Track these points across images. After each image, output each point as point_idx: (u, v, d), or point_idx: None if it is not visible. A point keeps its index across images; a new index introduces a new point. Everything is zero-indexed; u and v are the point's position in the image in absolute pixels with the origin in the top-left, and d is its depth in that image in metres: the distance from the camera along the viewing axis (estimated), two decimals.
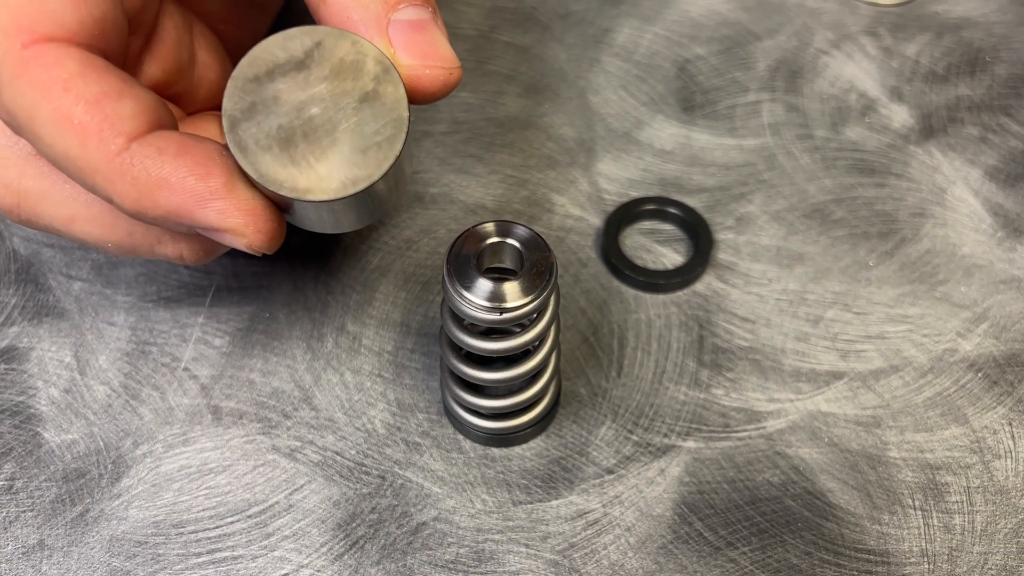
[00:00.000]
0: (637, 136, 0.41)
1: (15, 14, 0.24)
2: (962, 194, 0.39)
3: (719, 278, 0.36)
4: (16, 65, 0.24)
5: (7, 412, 0.33)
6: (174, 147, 0.24)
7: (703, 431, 0.33)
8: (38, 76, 0.24)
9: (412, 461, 0.32)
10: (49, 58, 0.24)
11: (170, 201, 0.24)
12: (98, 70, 0.24)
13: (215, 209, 0.24)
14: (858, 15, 0.45)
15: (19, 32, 0.24)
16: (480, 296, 0.26)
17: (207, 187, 0.24)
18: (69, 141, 0.24)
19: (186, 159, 0.24)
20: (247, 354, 0.34)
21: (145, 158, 0.24)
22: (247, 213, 0.25)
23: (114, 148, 0.24)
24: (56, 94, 0.24)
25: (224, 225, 0.25)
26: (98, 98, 0.24)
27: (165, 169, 0.24)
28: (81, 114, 0.24)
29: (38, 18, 0.24)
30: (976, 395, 0.33)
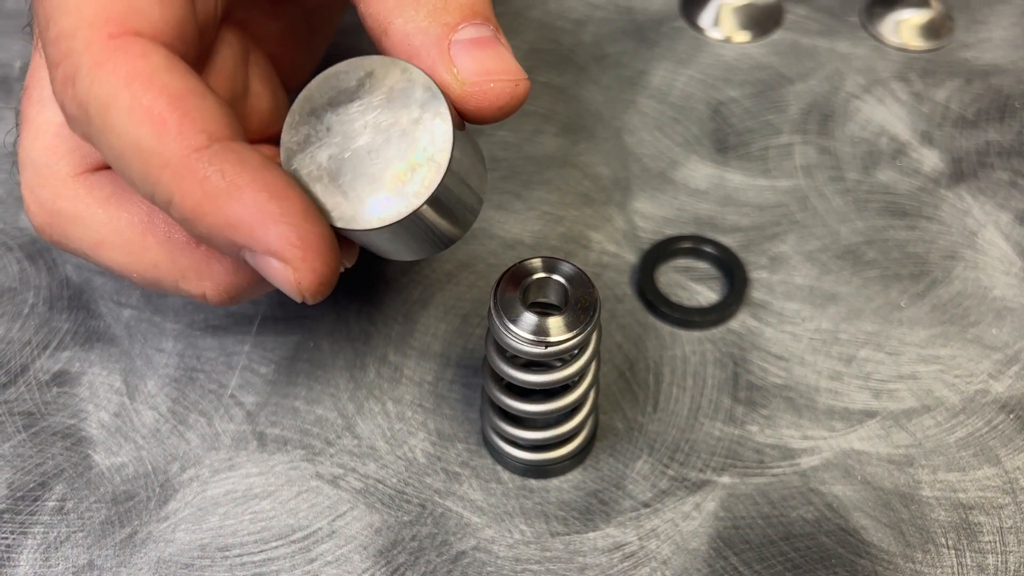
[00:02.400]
0: (672, 176, 0.41)
1: (103, 6, 0.24)
2: (993, 237, 0.39)
3: (753, 316, 0.37)
4: (100, 54, 0.23)
5: (59, 434, 0.34)
6: (257, 160, 0.24)
7: (738, 467, 0.33)
8: (122, 66, 0.23)
9: (452, 490, 0.33)
10: (136, 50, 0.23)
11: (236, 212, 0.23)
12: (183, 70, 0.24)
13: (277, 233, 0.23)
14: (888, 60, 0.46)
15: (107, 23, 0.24)
16: (525, 329, 0.27)
17: (279, 208, 0.23)
18: (143, 132, 0.23)
19: (266, 175, 0.24)
20: (292, 382, 0.35)
21: (225, 162, 0.23)
22: (307, 248, 0.24)
23: (193, 143, 0.23)
24: (138, 85, 0.23)
25: (282, 251, 0.24)
26: (183, 93, 0.23)
27: (243, 177, 0.23)
28: (163, 106, 0.23)
29: (127, 13, 0.24)
30: (1008, 436, 0.34)
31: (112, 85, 0.23)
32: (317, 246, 0.24)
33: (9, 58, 0.46)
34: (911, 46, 0.46)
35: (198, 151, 0.23)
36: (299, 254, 0.24)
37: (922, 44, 0.46)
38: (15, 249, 0.39)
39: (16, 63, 0.46)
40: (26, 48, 0.47)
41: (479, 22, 0.27)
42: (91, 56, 0.23)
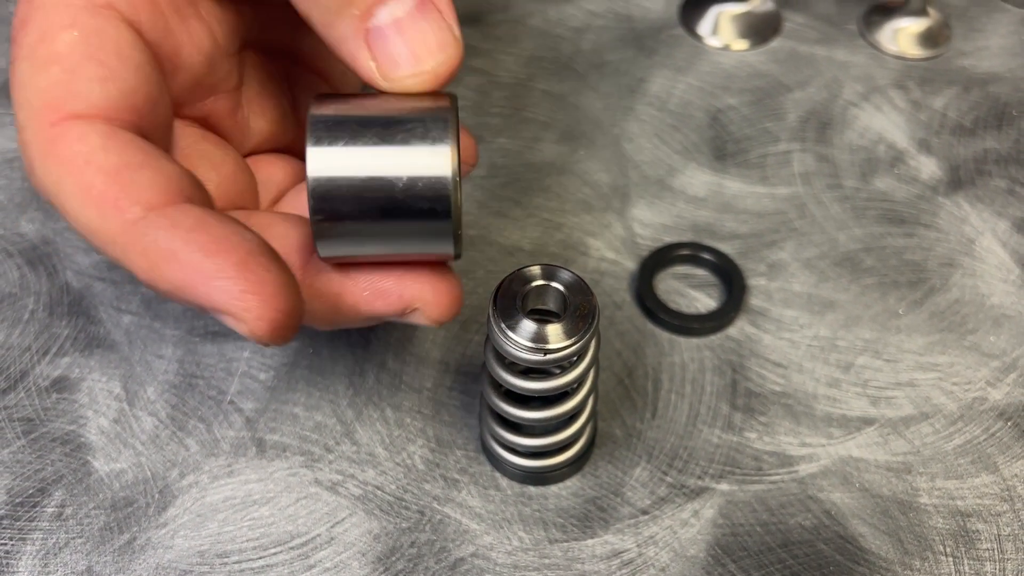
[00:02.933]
0: (670, 183, 0.42)
1: (45, 95, 0.25)
2: (990, 245, 0.39)
3: (752, 323, 0.37)
4: (44, 143, 0.24)
5: (58, 440, 0.34)
6: (190, 222, 0.24)
7: (736, 474, 0.33)
8: (63, 151, 0.24)
9: (450, 497, 0.33)
10: (73, 134, 0.24)
11: (176, 275, 0.23)
12: (121, 143, 0.25)
13: (217, 288, 0.23)
14: (886, 68, 0.46)
15: (47, 111, 0.24)
16: (524, 337, 0.27)
17: (214, 264, 0.23)
18: (90, 212, 0.24)
19: (199, 234, 0.23)
20: (291, 388, 0.35)
21: (158, 229, 0.24)
22: (255, 296, 0.23)
23: (129, 217, 0.24)
24: (78, 167, 0.24)
25: (225, 307, 0.23)
26: (118, 169, 0.24)
27: (175, 242, 0.23)
28: (100, 184, 0.24)
29: (66, 97, 0.25)
30: (1006, 444, 0.34)
31: (57, 173, 0.24)
32: (262, 293, 0.23)
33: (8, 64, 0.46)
34: (909, 54, 0.47)
35: (134, 223, 0.24)
36: (242, 306, 0.23)
37: (920, 52, 0.47)
38: (15, 255, 0.39)
39: None
40: None
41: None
42: (38, 146, 0.24)
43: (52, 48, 0.25)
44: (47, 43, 0.25)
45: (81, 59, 0.25)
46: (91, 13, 0.26)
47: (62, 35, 0.25)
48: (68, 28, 0.25)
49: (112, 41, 0.26)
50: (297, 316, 0.24)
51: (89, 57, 0.25)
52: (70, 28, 0.25)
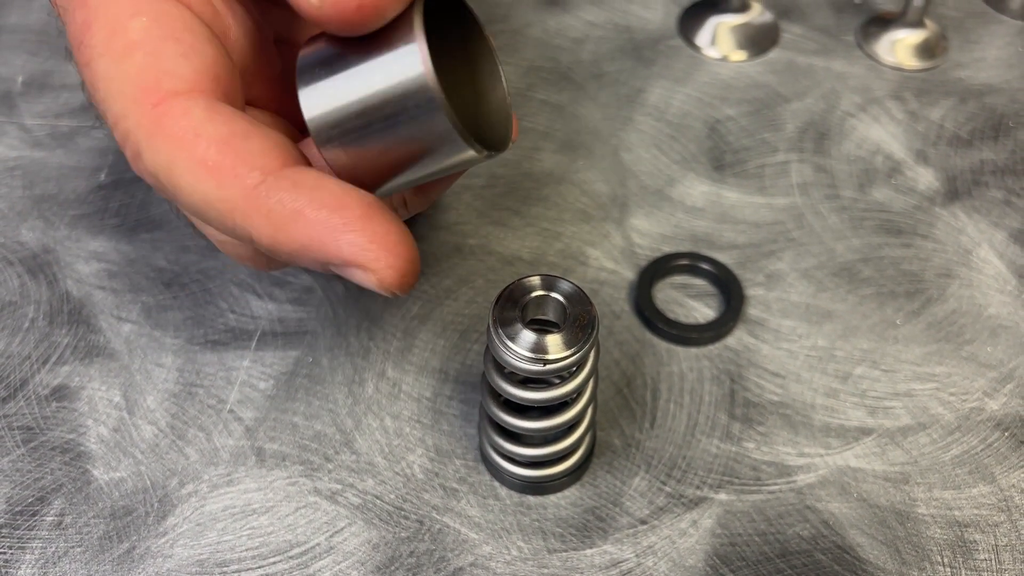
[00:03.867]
0: (669, 193, 0.42)
1: (138, 80, 0.25)
2: (987, 256, 0.40)
3: (750, 333, 0.37)
4: (150, 126, 0.25)
5: (58, 449, 0.34)
6: (310, 180, 0.24)
7: (735, 484, 0.33)
8: (170, 130, 0.25)
9: (449, 507, 0.33)
10: (177, 111, 0.25)
11: (304, 233, 0.24)
12: (223, 114, 0.25)
13: (347, 242, 0.24)
14: (884, 80, 0.47)
15: (145, 95, 0.25)
16: (523, 347, 0.27)
17: (342, 219, 0.24)
18: (207, 184, 0.24)
19: (321, 192, 0.24)
20: (291, 397, 0.35)
21: (280, 191, 0.24)
22: (381, 247, 0.24)
23: (250, 182, 0.24)
24: (189, 142, 0.24)
25: (356, 259, 0.24)
26: (227, 138, 0.24)
27: (300, 201, 0.24)
28: (214, 155, 0.24)
29: (158, 78, 0.25)
30: (1003, 454, 0.34)
31: (168, 151, 0.25)
32: (387, 244, 0.24)
33: (11, 73, 0.47)
34: (906, 65, 0.47)
35: (255, 188, 0.24)
36: (372, 257, 0.24)
37: (917, 64, 0.47)
38: (16, 264, 0.39)
39: (19, 77, 0.46)
40: (29, 62, 0.47)
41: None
42: (143, 131, 0.25)
43: (127, 38, 0.25)
44: (120, 34, 0.25)
45: (159, 40, 0.25)
46: (149, 0, 0.26)
47: (132, 23, 0.26)
48: (135, 15, 0.26)
49: (180, 20, 0.26)
50: (418, 263, 0.25)
51: (165, 37, 0.25)
52: (137, 15, 0.26)
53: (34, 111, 0.45)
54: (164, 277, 0.39)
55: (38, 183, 0.42)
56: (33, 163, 0.43)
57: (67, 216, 0.41)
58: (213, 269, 0.39)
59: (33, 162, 0.43)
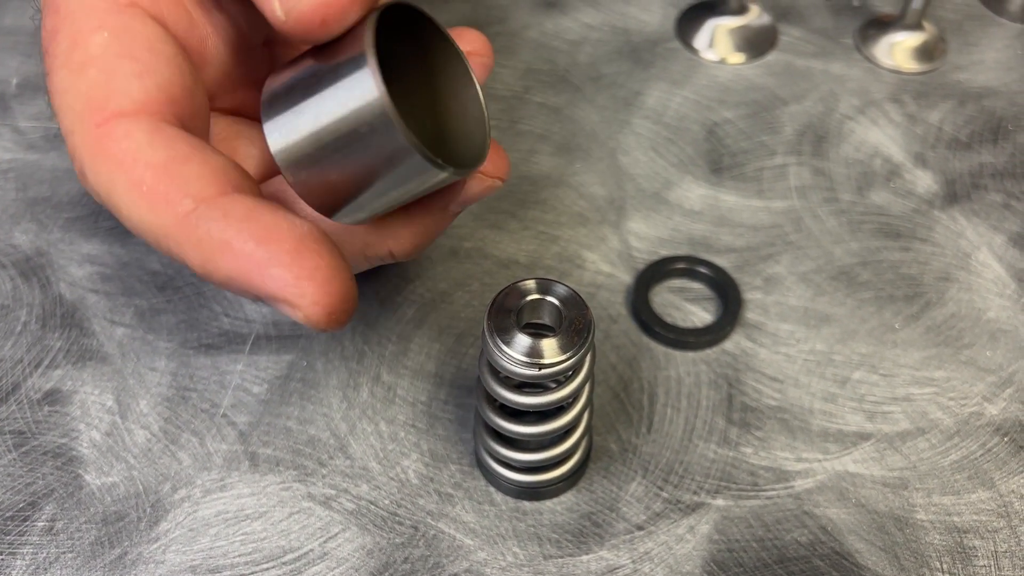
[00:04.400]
0: (666, 196, 0.42)
1: (88, 97, 0.25)
2: (986, 259, 0.39)
3: (748, 337, 0.37)
4: (93, 144, 0.25)
5: (50, 454, 0.34)
6: (241, 211, 0.24)
7: (732, 489, 0.33)
8: (111, 150, 0.24)
9: (444, 512, 0.32)
10: (119, 132, 0.25)
11: (231, 265, 0.24)
12: (166, 137, 0.25)
13: (271, 276, 0.23)
14: (882, 82, 0.46)
15: (91, 113, 0.25)
16: (519, 351, 0.27)
17: (267, 252, 0.23)
18: (142, 208, 0.24)
19: (251, 223, 0.24)
20: (284, 402, 0.35)
21: (210, 220, 0.24)
22: (308, 282, 0.23)
23: (181, 210, 0.24)
24: (127, 165, 0.24)
25: (280, 294, 0.23)
26: (165, 163, 0.24)
27: (228, 232, 0.23)
28: (149, 180, 0.24)
29: (107, 97, 0.25)
30: (1003, 459, 0.34)
31: (107, 173, 0.25)
32: (315, 279, 0.23)
33: (5, 75, 0.46)
34: (904, 68, 0.47)
35: (187, 216, 0.24)
36: (296, 293, 0.23)
37: (915, 66, 0.47)
38: (8, 267, 0.39)
39: (13, 80, 0.46)
40: (24, 64, 0.47)
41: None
42: (87, 149, 0.25)
43: (86, 52, 0.25)
44: (80, 48, 0.25)
45: (115, 58, 0.25)
46: (117, 12, 0.26)
47: (93, 37, 0.25)
48: (98, 30, 0.26)
49: (142, 37, 0.26)
50: (351, 300, 0.24)
51: (122, 55, 0.25)
52: (99, 30, 0.26)
53: (28, 113, 0.45)
54: (158, 280, 0.38)
55: (31, 185, 0.42)
56: (27, 165, 0.42)
57: (60, 219, 0.40)
58: None
59: (27, 164, 0.42)
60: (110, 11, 0.26)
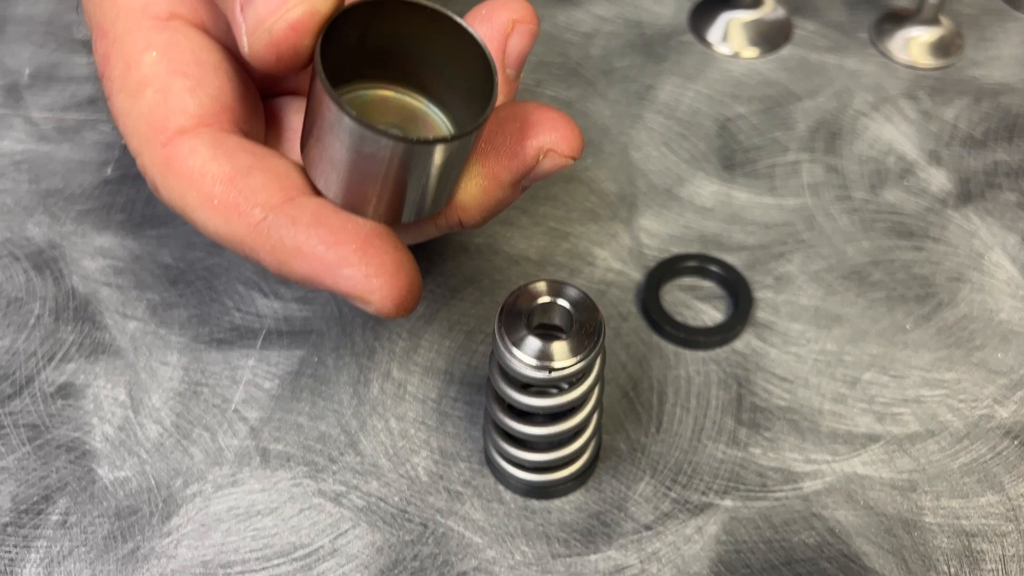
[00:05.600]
0: (678, 192, 0.41)
1: (149, 119, 0.26)
2: (1000, 260, 0.39)
3: (758, 336, 0.37)
4: (162, 164, 0.26)
5: (63, 447, 0.34)
6: (308, 216, 0.25)
7: (740, 490, 0.33)
8: (179, 169, 0.26)
9: (454, 510, 0.33)
10: (184, 150, 0.26)
11: (305, 267, 0.25)
12: (229, 149, 0.26)
13: (344, 276, 0.25)
14: (897, 78, 0.46)
15: (156, 134, 0.26)
16: (529, 354, 0.27)
17: (337, 255, 0.25)
18: (216, 220, 0.26)
19: (319, 228, 0.25)
20: (295, 397, 0.35)
21: (280, 227, 0.25)
22: (377, 277, 0.25)
23: (252, 220, 0.25)
24: (196, 180, 0.26)
25: (353, 291, 0.25)
26: (232, 176, 0.26)
27: (298, 238, 0.25)
28: (219, 193, 0.26)
29: (167, 115, 0.26)
30: (1012, 463, 0.34)
31: (180, 189, 0.26)
32: (383, 274, 0.25)
33: (18, 65, 0.47)
34: (920, 63, 0.46)
35: (258, 225, 0.25)
36: (367, 288, 0.25)
37: (931, 62, 0.46)
38: (22, 259, 0.39)
39: (26, 70, 0.46)
40: (36, 54, 0.47)
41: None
42: (157, 169, 0.27)
43: (140, 73, 0.27)
44: (133, 70, 0.27)
45: (167, 76, 0.27)
46: (161, 29, 0.27)
47: (143, 58, 0.27)
48: (146, 50, 0.27)
49: (188, 50, 0.27)
50: (417, 289, 0.26)
51: (173, 72, 0.27)
52: (148, 49, 0.27)
53: (40, 104, 0.45)
54: (169, 274, 0.38)
55: (44, 177, 0.42)
56: (40, 157, 0.43)
57: (73, 211, 0.41)
58: (219, 266, 0.39)
59: (40, 156, 0.43)
60: (155, 28, 0.27)
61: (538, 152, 0.28)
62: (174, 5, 0.28)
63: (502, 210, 0.30)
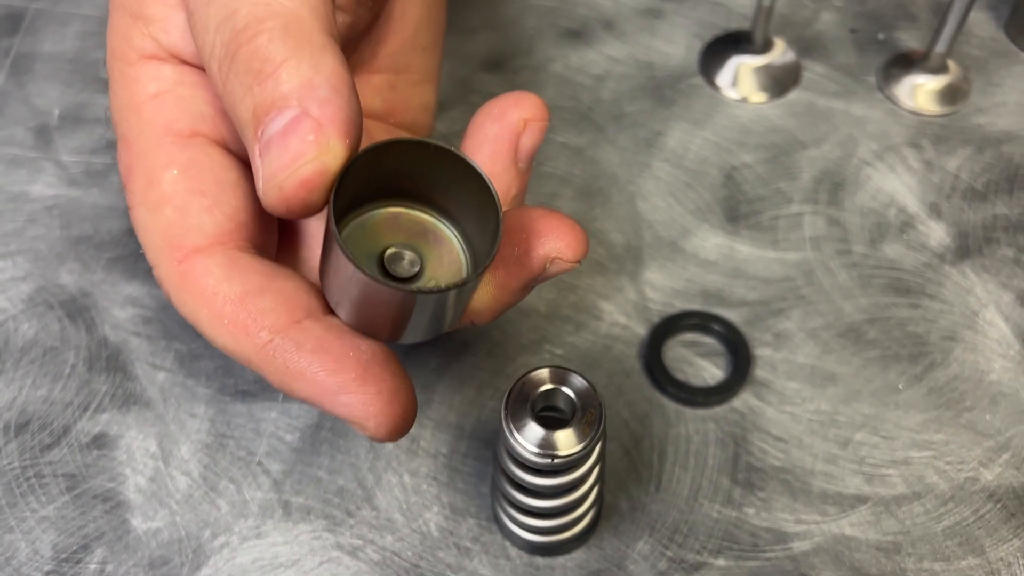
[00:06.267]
0: (683, 245, 0.43)
1: (167, 235, 0.28)
2: (993, 318, 0.41)
3: (756, 395, 0.39)
4: (176, 281, 0.28)
5: (99, 497, 0.36)
6: (312, 343, 0.27)
7: (733, 549, 0.35)
8: (193, 286, 0.28)
9: (463, 566, 0.35)
10: (199, 269, 0.28)
11: (306, 391, 0.27)
12: (241, 270, 0.28)
13: (342, 403, 0.26)
14: (902, 125, 0.47)
15: (173, 251, 0.28)
16: (532, 442, 0.29)
17: (336, 382, 0.26)
18: (226, 337, 0.27)
19: (321, 355, 0.26)
20: (315, 451, 0.37)
21: (284, 352, 0.27)
22: (374, 406, 0.26)
23: (259, 342, 0.27)
24: (209, 299, 0.27)
25: (350, 417, 0.27)
26: (242, 297, 0.27)
27: (301, 364, 0.26)
28: (229, 313, 0.27)
29: (183, 235, 0.28)
30: (994, 526, 0.35)
31: (192, 305, 0.28)
32: (379, 402, 0.26)
33: (47, 105, 0.48)
34: (926, 111, 0.47)
35: (264, 347, 0.27)
36: (363, 415, 0.27)
37: (937, 109, 0.47)
38: (56, 307, 0.41)
39: (55, 111, 0.48)
40: (65, 94, 0.49)
41: (285, 104, 0.24)
42: (172, 283, 0.28)
43: (160, 190, 0.28)
44: (154, 186, 0.28)
45: (186, 194, 0.28)
46: (183, 147, 0.29)
47: (164, 175, 0.28)
48: (167, 167, 0.28)
49: (208, 169, 0.29)
50: (412, 413, 0.27)
51: (192, 191, 0.28)
52: (169, 167, 0.28)
53: (70, 147, 0.46)
54: None
55: (75, 223, 0.44)
56: (70, 202, 0.44)
57: (103, 259, 0.42)
58: None
59: (70, 201, 0.44)
60: (176, 145, 0.29)
61: (545, 260, 0.29)
62: (196, 123, 0.29)
63: (510, 307, 0.31)
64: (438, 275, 0.28)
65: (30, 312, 0.41)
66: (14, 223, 0.43)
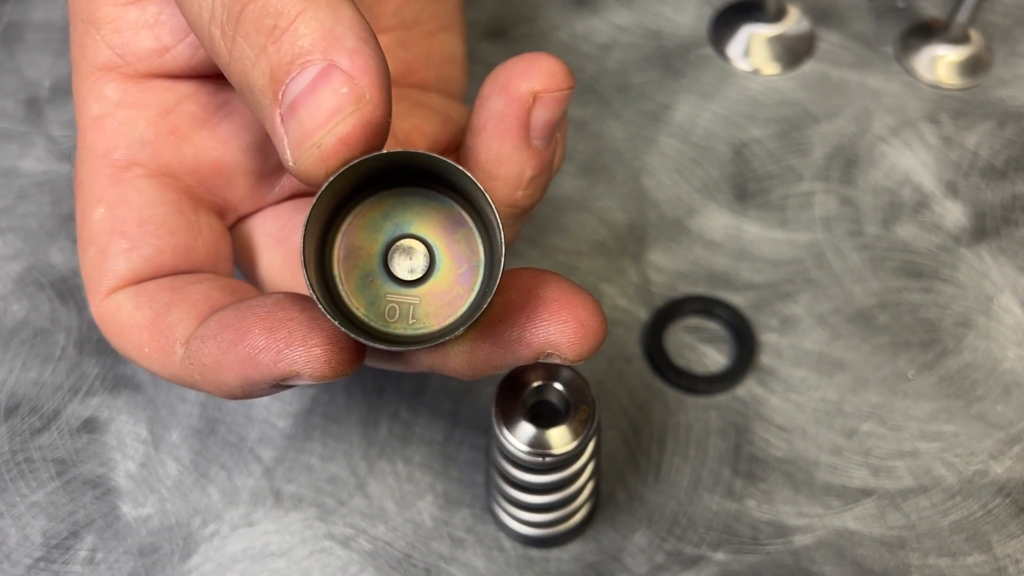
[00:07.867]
0: (688, 225, 0.41)
1: (90, 275, 0.28)
2: (1009, 304, 0.39)
3: (760, 383, 0.37)
4: (100, 320, 0.28)
5: (89, 483, 0.36)
6: (212, 330, 0.25)
7: (733, 543, 0.34)
8: (111, 326, 0.27)
9: (456, 557, 0.34)
10: (112, 307, 0.27)
11: (235, 375, 0.24)
12: (148, 294, 0.27)
13: (266, 363, 0.23)
14: (920, 98, 0.45)
15: (95, 292, 0.28)
16: (524, 441, 0.28)
17: (247, 349, 0.24)
18: (154, 366, 0.27)
19: (224, 334, 0.24)
20: (307, 437, 0.37)
21: (195, 353, 0.25)
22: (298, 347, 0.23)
23: (176, 359, 0.26)
24: (127, 334, 0.27)
25: (282, 372, 0.23)
26: (153, 321, 0.26)
27: (213, 354, 0.24)
28: (147, 341, 0.26)
29: (101, 276, 0.27)
30: (1002, 521, 0.34)
31: (119, 343, 0.28)
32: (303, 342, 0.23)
33: (38, 76, 0.47)
34: (945, 84, 0.45)
35: (181, 363, 0.26)
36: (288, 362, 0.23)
37: (957, 82, 0.45)
38: (47, 287, 0.40)
39: (46, 82, 0.47)
40: (57, 64, 0.47)
41: (309, 58, 0.22)
42: (100, 323, 0.28)
43: (89, 229, 0.28)
44: (86, 224, 0.28)
45: (109, 236, 0.27)
46: (115, 181, 0.28)
47: (93, 214, 0.28)
48: (97, 204, 0.28)
49: (135, 207, 0.28)
50: (342, 339, 0.24)
51: (114, 232, 0.27)
52: (98, 204, 0.28)
53: (61, 120, 0.45)
54: None
55: (66, 200, 0.43)
56: (60, 178, 0.43)
57: None
58: None
59: (60, 177, 0.43)
60: (110, 181, 0.28)
61: (538, 353, 0.25)
62: (134, 151, 0.28)
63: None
64: (447, 276, 0.26)
65: (20, 292, 0.40)
66: (4, 200, 0.43)
